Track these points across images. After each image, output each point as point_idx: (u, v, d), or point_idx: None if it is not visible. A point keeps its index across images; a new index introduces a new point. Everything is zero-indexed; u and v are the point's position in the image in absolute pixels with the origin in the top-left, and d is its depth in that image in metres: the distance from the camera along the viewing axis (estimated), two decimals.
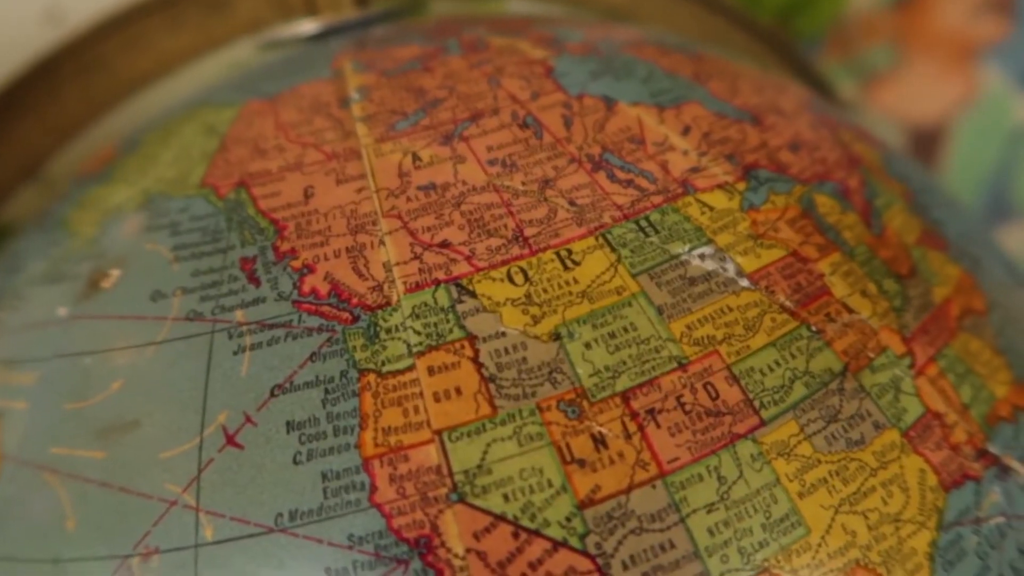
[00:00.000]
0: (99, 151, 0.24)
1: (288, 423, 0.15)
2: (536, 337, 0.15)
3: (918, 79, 0.54)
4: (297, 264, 0.17)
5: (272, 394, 0.15)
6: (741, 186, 0.18)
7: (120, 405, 0.16)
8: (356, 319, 0.16)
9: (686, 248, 0.17)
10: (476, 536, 0.14)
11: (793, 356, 0.16)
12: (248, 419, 0.15)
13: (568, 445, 0.14)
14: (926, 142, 0.53)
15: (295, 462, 0.15)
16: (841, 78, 0.53)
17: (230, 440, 0.15)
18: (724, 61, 0.24)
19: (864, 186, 0.20)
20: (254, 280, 0.17)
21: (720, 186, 0.18)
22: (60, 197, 0.23)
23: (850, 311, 0.17)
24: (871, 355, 0.16)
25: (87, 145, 0.26)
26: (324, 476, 0.14)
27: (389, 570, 0.14)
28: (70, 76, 0.25)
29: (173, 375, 0.16)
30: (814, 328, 0.16)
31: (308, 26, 0.27)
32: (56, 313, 0.18)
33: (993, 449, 0.17)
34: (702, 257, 0.17)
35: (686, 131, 0.19)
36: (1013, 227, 0.51)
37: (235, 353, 0.16)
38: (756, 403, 0.15)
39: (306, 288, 0.16)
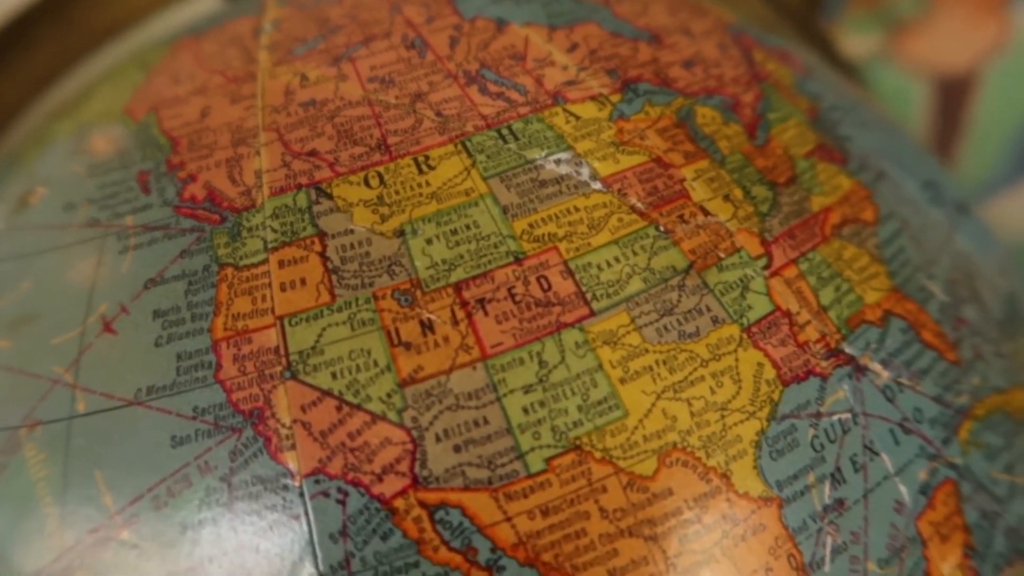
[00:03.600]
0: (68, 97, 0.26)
1: (155, 311, 0.16)
2: (381, 234, 0.16)
3: (948, 26, 0.52)
4: (183, 175, 0.18)
5: (145, 287, 0.17)
6: (615, 98, 0.19)
7: (26, 302, 0.18)
8: (224, 220, 0.17)
9: (542, 154, 0.17)
10: (303, 408, 0.15)
11: (635, 253, 0.16)
12: (123, 309, 0.17)
13: (397, 330, 0.15)
14: (955, 91, 0.51)
15: (157, 345, 0.16)
16: (869, 29, 0.51)
17: (107, 327, 0.16)
18: None
19: (760, 101, 0.20)
20: (146, 190, 0.18)
21: (593, 97, 0.18)
22: (27, 136, 0.25)
23: (707, 213, 0.17)
24: (721, 255, 0.17)
25: (65, 93, 0.28)
26: (179, 356, 0.16)
27: (224, 437, 0.15)
28: (46, 32, 0.27)
29: (69, 274, 0.18)
30: (662, 228, 0.17)
31: None
32: None
33: (850, 350, 0.17)
34: (557, 162, 0.17)
35: (572, 48, 0.20)
36: None
37: (120, 253, 0.17)
38: (588, 295, 0.16)
39: (186, 195, 0.18)
